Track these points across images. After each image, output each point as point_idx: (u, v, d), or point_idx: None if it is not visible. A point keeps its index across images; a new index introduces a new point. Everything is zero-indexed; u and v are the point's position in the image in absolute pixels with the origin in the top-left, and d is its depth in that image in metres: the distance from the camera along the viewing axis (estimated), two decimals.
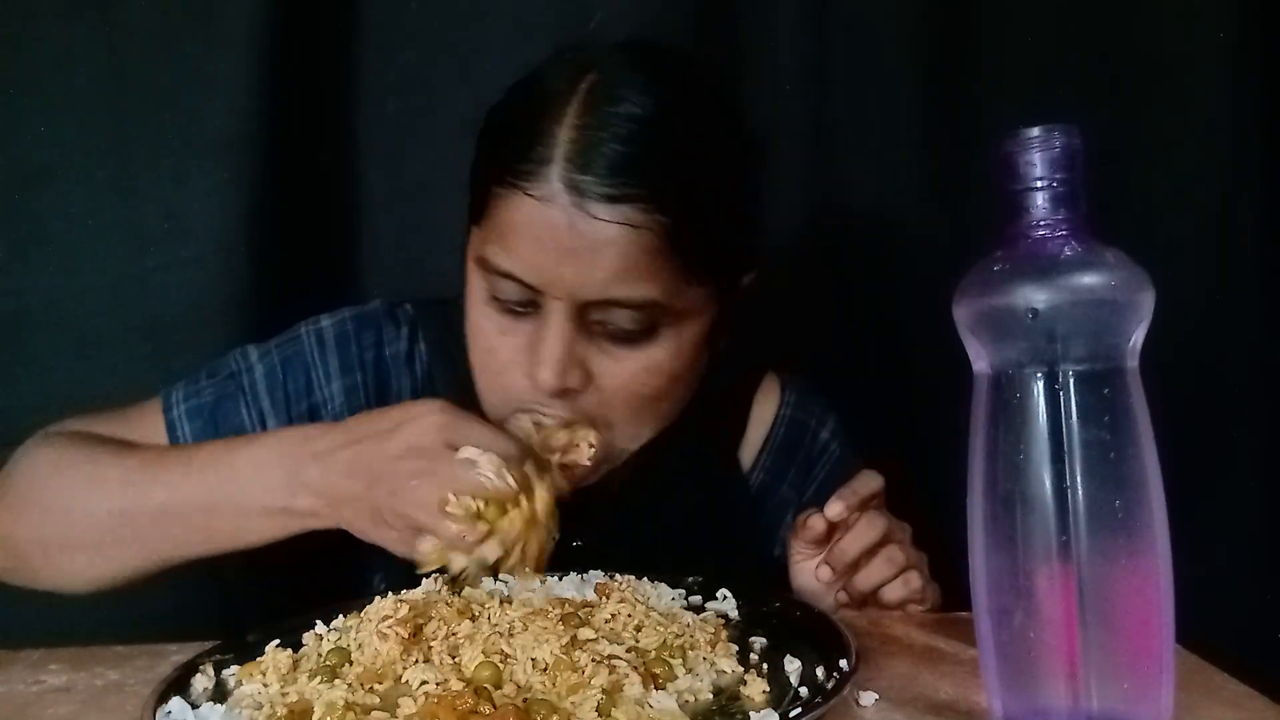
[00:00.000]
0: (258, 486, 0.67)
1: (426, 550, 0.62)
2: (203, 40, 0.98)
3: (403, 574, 0.68)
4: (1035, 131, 0.49)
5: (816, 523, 0.71)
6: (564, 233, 0.64)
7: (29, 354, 0.97)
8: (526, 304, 0.69)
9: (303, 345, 0.80)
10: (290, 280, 1.01)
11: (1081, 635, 0.46)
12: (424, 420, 0.64)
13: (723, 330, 0.75)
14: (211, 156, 0.98)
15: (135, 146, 0.98)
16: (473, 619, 0.59)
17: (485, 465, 0.62)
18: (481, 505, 0.62)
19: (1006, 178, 0.50)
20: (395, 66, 1.06)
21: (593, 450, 0.69)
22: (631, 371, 0.70)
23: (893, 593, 0.71)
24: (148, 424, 0.78)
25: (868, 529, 0.71)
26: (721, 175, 0.70)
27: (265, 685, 0.55)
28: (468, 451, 0.63)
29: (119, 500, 0.70)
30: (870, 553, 0.71)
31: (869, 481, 0.72)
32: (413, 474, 0.62)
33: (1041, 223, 0.49)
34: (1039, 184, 0.49)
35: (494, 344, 0.71)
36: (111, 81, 0.98)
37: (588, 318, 0.68)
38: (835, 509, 0.70)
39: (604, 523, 0.72)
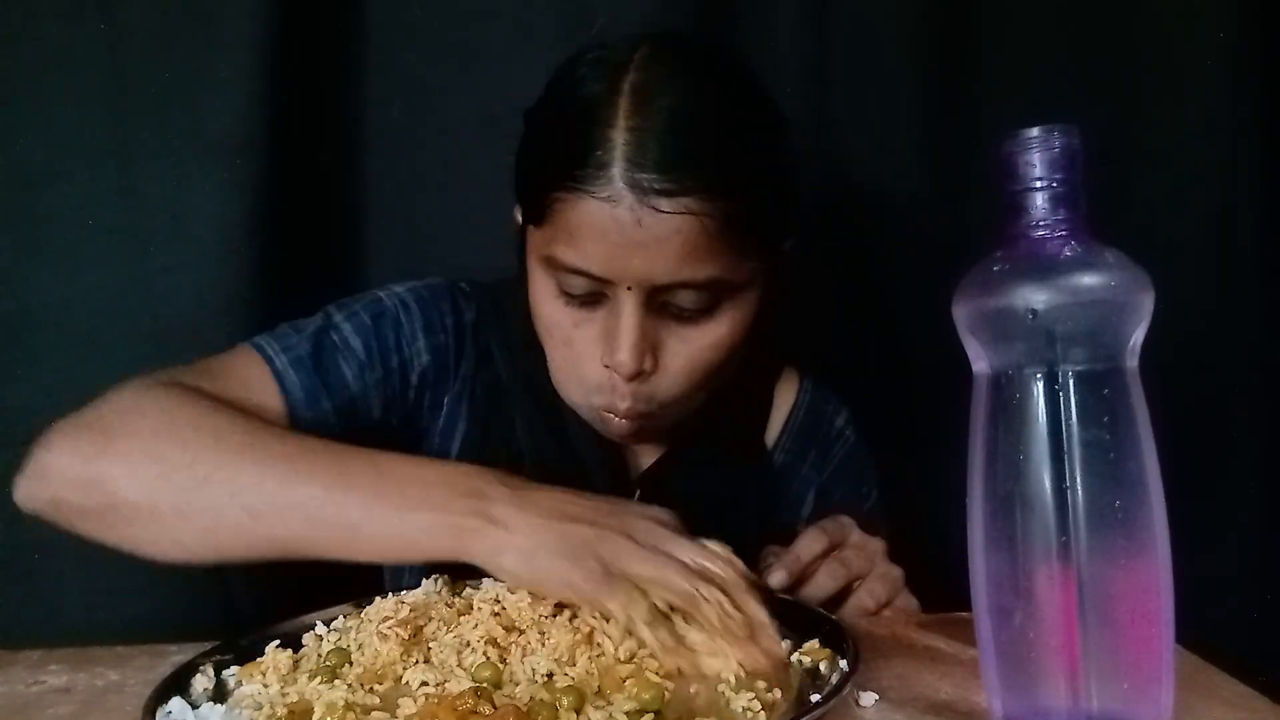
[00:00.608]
0: (439, 487, 0.61)
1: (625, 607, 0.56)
2: (204, 41, 0.97)
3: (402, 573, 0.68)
4: (1035, 132, 0.49)
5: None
6: (631, 229, 0.67)
7: (30, 354, 0.97)
8: (595, 295, 0.72)
9: (386, 305, 0.82)
10: (292, 281, 1.01)
11: (1081, 635, 0.46)
12: (666, 512, 0.63)
13: (775, 296, 0.78)
14: (213, 158, 0.98)
15: (136, 148, 0.98)
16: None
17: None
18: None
19: (1006, 178, 0.50)
20: (396, 67, 1.05)
21: None
22: (696, 348, 0.73)
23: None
24: (250, 379, 0.75)
25: (828, 581, 0.72)
26: (764, 150, 0.73)
27: (265, 685, 0.56)
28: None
29: (271, 476, 0.63)
30: (844, 592, 0.72)
31: (811, 545, 0.73)
32: (654, 532, 0.60)
33: (1041, 223, 0.49)
34: (1039, 184, 0.49)
35: (570, 336, 0.74)
36: (112, 82, 0.97)
37: (656, 301, 0.71)
38: (778, 579, 0.71)
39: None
